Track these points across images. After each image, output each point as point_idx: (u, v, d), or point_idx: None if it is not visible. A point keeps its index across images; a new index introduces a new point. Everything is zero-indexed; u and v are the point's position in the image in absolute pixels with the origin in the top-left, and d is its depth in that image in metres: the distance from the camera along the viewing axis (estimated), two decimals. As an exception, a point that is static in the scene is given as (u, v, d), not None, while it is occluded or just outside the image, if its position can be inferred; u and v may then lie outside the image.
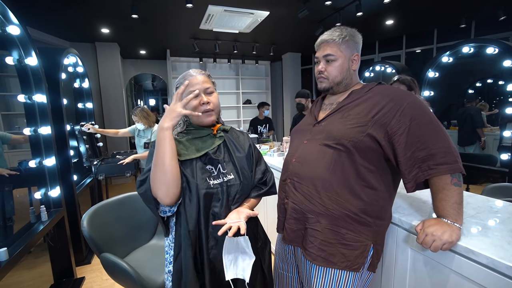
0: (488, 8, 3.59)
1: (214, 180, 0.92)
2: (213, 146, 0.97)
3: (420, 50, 4.88)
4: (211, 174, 0.93)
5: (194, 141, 0.96)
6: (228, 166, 0.97)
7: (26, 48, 1.70)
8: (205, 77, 0.98)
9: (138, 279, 1.20)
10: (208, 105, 0.95)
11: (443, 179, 0.81)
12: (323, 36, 1.01)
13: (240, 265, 0.91)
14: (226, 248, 0.88)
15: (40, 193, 1.82)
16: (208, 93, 0.97)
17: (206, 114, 0.96)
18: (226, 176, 0.94)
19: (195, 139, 0.97)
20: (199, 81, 0.95)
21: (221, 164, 0.95)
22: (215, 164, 0.95)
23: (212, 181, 0.91)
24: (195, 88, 0.93)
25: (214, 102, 0.97)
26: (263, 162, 1.08)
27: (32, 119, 1.79)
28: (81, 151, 2.82)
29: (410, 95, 0.89)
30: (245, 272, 0.90)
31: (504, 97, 3.40)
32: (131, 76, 6.00)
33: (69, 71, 2.75)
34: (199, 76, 0.96)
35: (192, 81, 0.94)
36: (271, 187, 1.06)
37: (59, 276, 2.03)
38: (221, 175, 0.94)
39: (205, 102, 0.94)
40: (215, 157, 0.95)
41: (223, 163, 0.96)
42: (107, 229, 1.50)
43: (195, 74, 0.96)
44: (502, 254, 0.73)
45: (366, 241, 0.91)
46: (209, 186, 0.90)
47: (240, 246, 0.91)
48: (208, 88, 0.96)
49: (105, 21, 3.66)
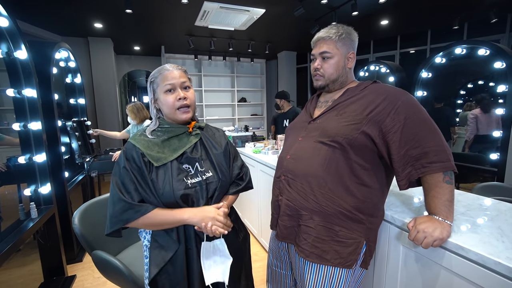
0: (480, 11, 3.65)
1: (192, 179, 0.90)
2: (189, 144, 0.94)
3: (414, 51, 4.94)
4: (188, 174, 0.90)
5: (170, 141, 0.93)
6: (205, 164, 0.95)
7: (15, 41, 1.66)
8: (182, 72, 0.95)
9: (130, 277, 1.19)
10: (185, 100, 0.92)
11: (436, 177, 0.82)
12: (320, 33, 1.01)
13: (219, 268, 0.92)
14: (203, 254, 0.89)
15: (30, 189, 1.79)
16: (185, 88, 0.94)
17: (183, 111, 0.93)
18: (204, 174, 0.92)
19: (171, 139, 0.94)
20: (176, 75, 0.92)
21: (198, 163, 0.93)
22: (192, 163, 0.92)
23: (190, 180, 0.89)
24: (171, 82, 0.91)
25: (191, 98, 0.95)
26: (239, 157, 1.09)
27: (22, 114, 1.74)
28: (73, 147, 2.77)
29: (404, 93, 0.90)
30: (224, 275, 0.92)
31: (495, 99, 3.47)
32: (125, 72, 5.92)
33: (60, 65, 2.69)
34: (176, 71, 0.93)
35: (168, 75, 0.91)
36: (248, 182, 1.07)
37: (49, 274, 2.00)
38: (199, 173, 0.92)
39: (182, 97, 0.92)
40: (192, 156, 0.93)
41: (200, 161, 0.94)
42: (99, 226, 1.48)
43: (171, 69, 0.93)
44: (491, 250, 0.74)
45: (359, 238, 0.91)
46: (187, 186, 0.88)
47: (217, 249, 0.91)
48: (184, 82, 0.93)
49: (99, 15, 3.60)
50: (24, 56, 1.71)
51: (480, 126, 3.43)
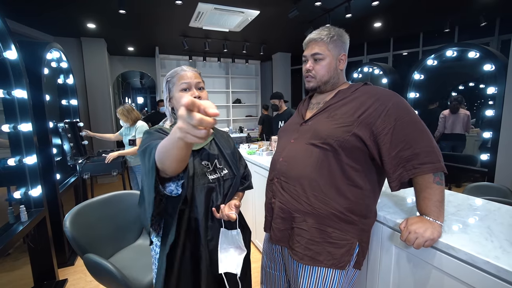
0: (471, 14, 3.72)
1: (211, 175, 0.94)
2: (206, 142, 0.99)
3: (406, 53, 5.01)
4: (207, 170, 0.94)
5: None
6: (222, 162, 1.00)
7: (5, 41, 1.63)
8: (196, 73, 1.00)
9: (123, 280, 1.17)
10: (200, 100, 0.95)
11: (426, 178, 0.84)
12: (311, 35, 1.02)
13: (234, 259, 0.95)
14: (221, 242, 0.93)
15: (20, 192, 1.75)
16: (199, 89, 0.98)
17: None
18: (222, 171, 0.97)
19: None
20: (191, 76, 0.96)
21: (217, 160, 0.98)
22: (211, 160, 0.97)
23: (210, 176, 0.94)
24: (187, 81, 0.94)
25: (204, 98, 0.98)
26: (243, 158, 1.17)
27: (12, 116, 1.71)
28: (65, 149, 2.73)
29: (395, 95, 0.91)
30: (238, 266, 0.95)
31: (485, 100, 3.54)
32: (118, 73, 5.86)
33: (52, 66, 2.65)
34: (191, 72, 0.97)
35: (184, 75, 0.95)
36: (250, 182, 1.15)
37: (40, 279, 1.96)
38: (217, 170, 0.97)
39: (197, 96, 0.94)
40: (212, 152, 0.98)
41: (219, 158, 0.99)
42: (91, 229, 1.46)
43: (187, 70, 0.98)
44: (480, 249, 0.75)
45: (352, 239, 0.92)
46: (209, 181, 0.92)
47: (234, 240, 0.96)
48: (199, 83, 0.97)
49: (91, 15, 3.56)
50: (14, 57, 1.68)
51: (447, 125, 3.75)
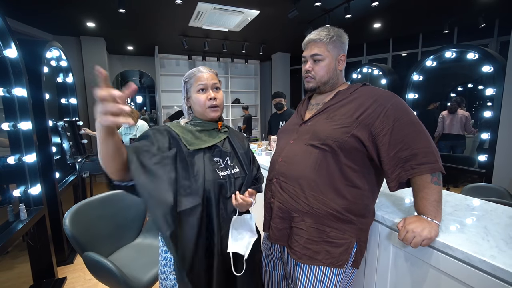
0: (470, 16, 3.74)
1: (221, 172, 0.96)
2: (220, 139, 1.01)
3: (406, 54, 5.02)
4: (218, 166, 0.96)
5: (201, 133, 1.00)
6: (233, 160, 1.01)
7: (5, 39, 1.63)
8: (213, 74, 1.02)
9: (122, 278, 1.18)
10: (215, 100, 0.99)
11: (424, 178, 0.84)
12: (311, 35, 1.02)
13: (244, 241, 0.97)
14: (233, 224, 0.95)
15: (19, 190, 1.76)
16: (215, 89, 1.00)
17: (212, 109, 0.99)
18: (233, 169, 0.99)
19: (202, 131, 1.00)
20: (208, 77, 0.99)
21: (229, 157, 1.00)
22: (223, 157, 0.99)
23: (221, 172, 0.95)
24: (203, 83, 0.97)
25: (220, 98, 1.01)
26: (256, 161, 1.16)
27: (11, 114, 1.71)
28: (64, 148, 2.73)
29: (393, 96, 0.92)
30: (247, 249, 0.96)
31: (483, 101, 3.56)
32: (117, 72, 5.86)
33: (51, 65, 2.65)
34: (208, 73, 1.00)
35: (201, 76, 0.98)
36: (261, 185, 1.13)
37: (39, 277, 1.96)
38: (229, 167, 0.98)
39: (213, 97, 0.98)
40: (224, 149, 0.99)
41: (231, 156, 1.00)
42: (91, 227, 1.47)
43: (205, 71, 1.00)
44: (476, 249, 0.76)
45: (350, 238, 0.93)
46: (219, 177, 0.94)
47: (246, 224, 0.98)
48: (215, 84, 1.00)
49: (91, 14, 3.56)
50: (14, 55, 1.68)
51: (445, 126, 3.82)
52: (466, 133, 3.71)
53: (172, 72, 6.04)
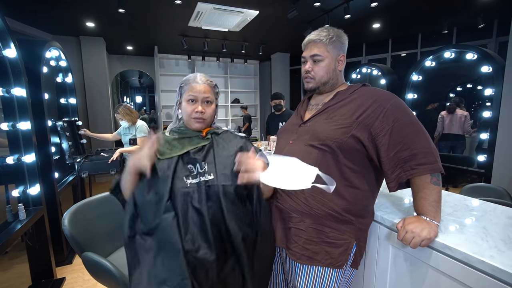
0: (469, 16, 3.74)
1: (192, 179, 0.91)
2: (195, 146, 0.97)
3: (405, 54, 5.03)
4: (190, 173, 0.92)
5: (181, 141, 0.98)
6: (209, 166, 0.95)
7: (4, 39, 1.63)
8: (208, 87, 1.00)
9: (121, 279, 1.17)
10: (201, 114, 0.97)
11: (423, 178, 0.84)
12: (310, 36, 1.02)
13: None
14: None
15: (18, 190, 1.75)
16: (206, 102, 0.99)
17: (196, 121, 0.98)
18: (204, 176, 0.93)
19: (182, 139, 0.98)
20: (201, 90, 0.98)
21: (199, 164, 0.95)
22: (194, 163, 0.95)
23: (190, 180, 0.91)
24: (194, 94, 0.97)
25: (209, 113, 0.99)
26: None
27: (10, 114, 1.71)
28: (63, 147, 2.72)
29: (393, 97, 0.92)
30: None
31: (482, 101, 3.57)
32: (117, 72, 5.85)
33: (51, 65, 2.65)
34: (202, 86, 0.98)
35: (195, 87, 0.98)
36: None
37: (37, 277, 1.96)
38: (199, 174, 0.93)
39: (199, 111, 0.97)
40: (194, 156, 0.96)
41: (201, 162, 0.95)
42: (90, 227, 1.46)
43: (200, 82, 0.99)
44: (475, 249, 0.76)
45: (349, 238, 0.93)
46: (185, 185, 0.90)
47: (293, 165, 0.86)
48: (207, 97, 0.99)
49: (91, 14, 3.56)
50: (13, 55, 1.67)
51: (444, 126, 3.85)
52: (466, 133, 3.72)
53: (172, 72, 6.04)
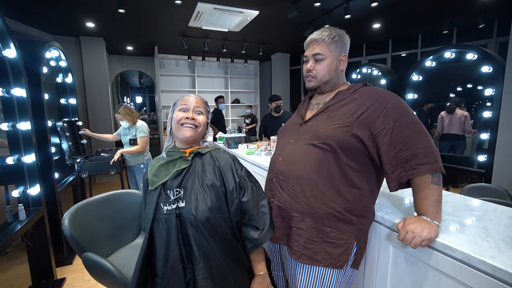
0: (469, 16, 3.74)
1: (169, 206, 0.90)
2: (175, 170, 0.94)
3: (405, 54, 5.03)
4: (168, 199, 0.91)
5: (168, 165, 0.97)
6: (186, 193, 0.91)
7: (4, 39, 1.63)
8: (201, 100, 1.01)
9: (121, 279, 1.17)
10: (193, 120, 0.96)
11: (424, 178, 0.84)
12: (313, 35, 1.02)
13: None
14: None
15: (18, 191, 1.75)
16: (197, 113, 0.99)
17: (186, 126, 0.95)
18: (176, 203, 0.90)
19: (169, 163, 0.98)
20: (193, 101, 0.99)
21: (171, 190, 0.92)
22: (171, 189, 0.92)
23: (167, 207, 0.90)
24: (186, 103, 0.98)
25: (200, 121, 0.98)
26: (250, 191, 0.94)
27: (10, 114, 1.71)
28: (63, 148, 2.72)
29: (394, 96, 0.92)
30: None
31: (482, 101, 3.57)
32: (117, 72, 5.86)
33: (51, 65, 2.65)
34: (195, 98, 1.01)
35: (187, 99, 0.99)
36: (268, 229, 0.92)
37: (37, 278, 1.96)
38: (172, 201, 0.91)
39: (190, 117, 0.95)
40: (171, 182, 0.93)
41: (174, 189, 0.92)
42: (90, 228, 1.46)
43: (192, 95, 1.01)
44: (476, 249, 0.76)
45: (349, 239, 0.93)
46: (161, 212, 0.90)
47: None
48: (198, 107, 0.99)
49: (91, 15, 3.56)
50: (13, 55, 1.67)
51: (444, 126, 3.87)
52: (465, 133, 3.72)
53: (172, 72, 6.04)
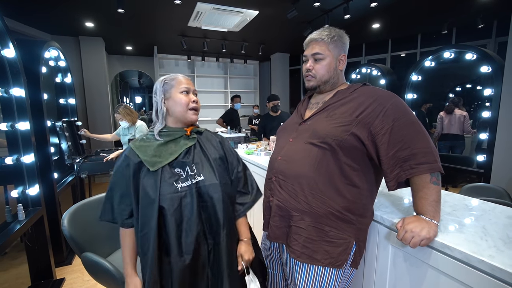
0: (468, 16, 3.75)
1: (182, 183, 0.91)
2: (184, 147, 0.97)
3: (404, 54, 5.04)
4: (179, 177, 0.92)
5: (167, 145, 0.96)
6: (199, 168, 0.95)
7: (3, 39, 1.63)
8: (192, 82, 1.05)
9: (121, 279, 1.17)
10: (197, 104, 1.02)
11: (423, 178, 0.84)
12: (312, 35, 1.03)
13: None
14: None
15: (17, 191, 1.75)
16: (195, 94, 1.04)
17: (194, 112, 1.01)
18: (195, 178, 0.93)
19: (168, 142, 0.97)
20: (190, 83, 1.03)
21: (189, 166, 0.94)
22: (183, 167, 0.94)
23: (181, 184, 0.90)
24: (187, 86, 1.00)
25: (199, 103, 1.05)
26: (241, 161, 1.11)
27: (9, 114, 1.71)
28: (62, 148, 2.72)
29: (393, 96, 0.92)
30: None
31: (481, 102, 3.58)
32: (116, 72, 5.84)
33: (50, 65, 2.65)
34: (189, 80, 1.04)
35: (184, 81, 1.01)
36: (257, 193, 1.10)
37: (37, 278, 1.96)
38: (189, 177, 0.93)
39: (196, 100, 1.01)
40: (183, 160, 0.95)
41: (191, 165, 0.95)
42: (89, 228, 1.46)
43: (183, 76, 1.03)
44: (475, 248, 0.76)
45: (349, 238, 0.93)
46: (176, 190, 0.89)
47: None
48: (195, 90, 1.04)
49: (90, 14, 3.55)
50: (12, 55, 1.67)
51: (443, 126, 3.88)
52: (464, 133, 3.73)
53: (171, 72, 5.99)
